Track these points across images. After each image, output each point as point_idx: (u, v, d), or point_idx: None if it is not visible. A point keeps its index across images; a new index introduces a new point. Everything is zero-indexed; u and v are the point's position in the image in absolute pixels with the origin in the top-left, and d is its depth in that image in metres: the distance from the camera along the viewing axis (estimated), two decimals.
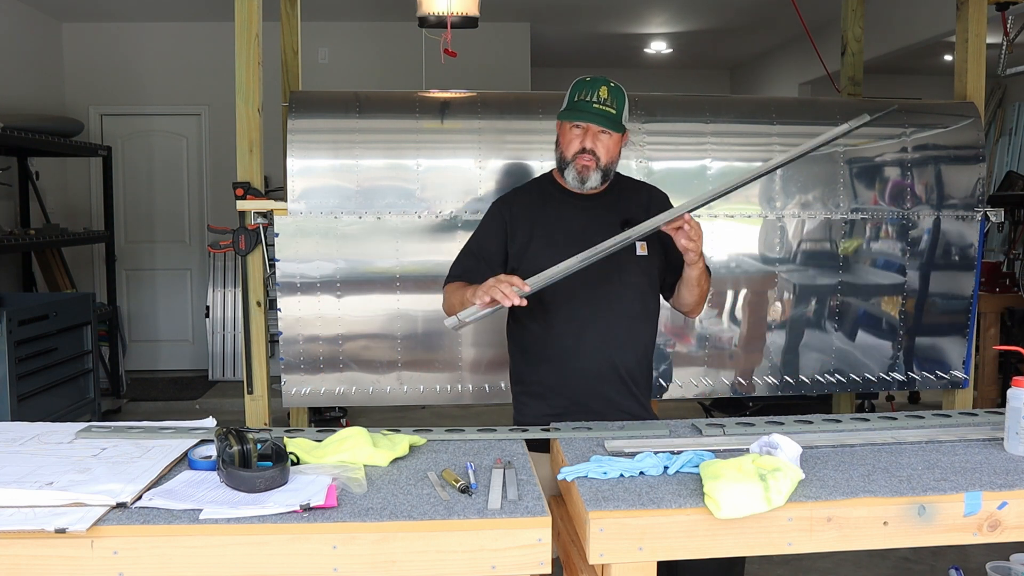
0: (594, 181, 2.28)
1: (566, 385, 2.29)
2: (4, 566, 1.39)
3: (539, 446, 1.99)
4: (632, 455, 1.76)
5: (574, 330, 2.28)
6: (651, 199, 2.42)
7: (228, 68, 3.32)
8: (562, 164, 2.31)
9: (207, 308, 6.85)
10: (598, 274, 2.26)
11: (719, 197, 2.23)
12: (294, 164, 3.33)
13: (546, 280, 2.09)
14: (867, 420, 2.04)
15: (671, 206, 2.40)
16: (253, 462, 1.62)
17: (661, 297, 2.44)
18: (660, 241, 2.34)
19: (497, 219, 2.38)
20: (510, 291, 2.01)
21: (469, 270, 2.33)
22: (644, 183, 2.52)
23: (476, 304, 2.05)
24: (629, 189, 2.43)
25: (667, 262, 2.37)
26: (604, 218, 2.31)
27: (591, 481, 1.63)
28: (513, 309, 2.25)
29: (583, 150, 2.25)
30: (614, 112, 2.25)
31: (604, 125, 2.23)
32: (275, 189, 4.82)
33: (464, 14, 4.01)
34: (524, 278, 2.19)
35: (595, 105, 2.23)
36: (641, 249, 2.31)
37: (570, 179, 2.29)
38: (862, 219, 3.59)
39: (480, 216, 3.35)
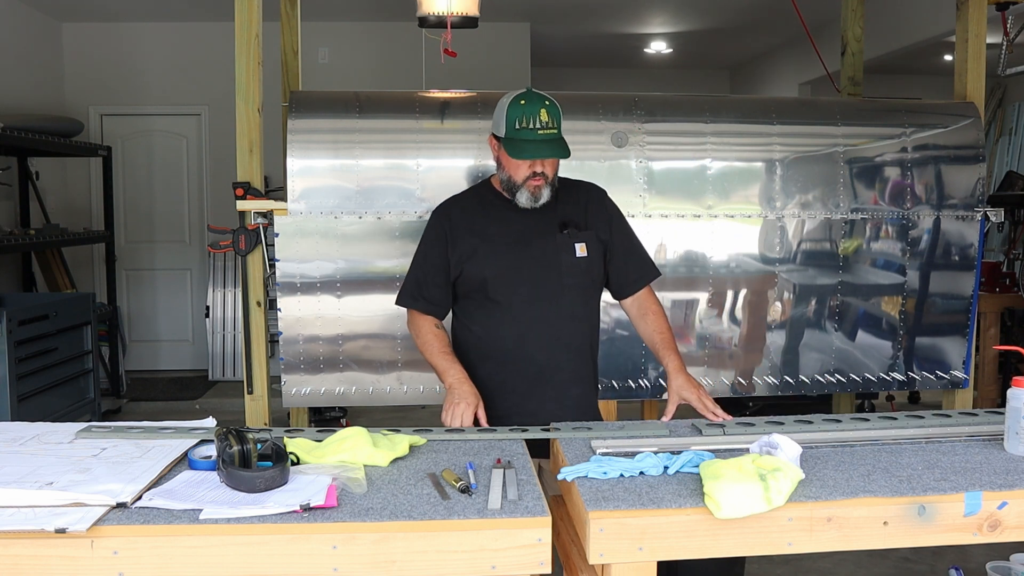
0: (546, 197, 2.29)
1: (507, 387, 2.30)
2: (4, 566, 1.39)
3: (532, 450, 1.95)
4: (632, 455, 1.76)
5: (516, 332, 2.30)
6: (589, 198, 2.43)
7: (228, 68, 3.32)
8: (511, 186, 2.29)
9: (207, 308, 6.85)
10: (539, 276, 2.29)
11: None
12: (294, 164, 3.33)
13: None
14: (867, 420, 2.04)
15: (610, 201, 2.46)
16: (253, 462, 1.62)
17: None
18: (599, 240, 2.36)
19: (437, 229, 2.38)
20: (464, 419, 2.14)
21: (419, 282, 2.38)
22: (581, 181, 2.50)
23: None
24: (566, 189, 2.41)
25: (606, 261, 2.39)
26: (543, 222, 2.33)
27: (591, 481, 1.63)
28: (456, 311, 2.40)
29: (533, 174, 2.25)
30: (556, 132, 2.23)
31: (556, 155, 2.22)
32: (275, 189, 4.82)
33: (464, 14, 4.01)
34: (466, 284, 2.32)
35: (539, 132, 2.20)
36: (581, 251, 2.32)
37: (523, 200, 2.28)
38: (862, 219, 3.58)
39: None
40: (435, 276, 2.36)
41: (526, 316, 2.30)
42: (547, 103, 2.24)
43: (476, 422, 2.17)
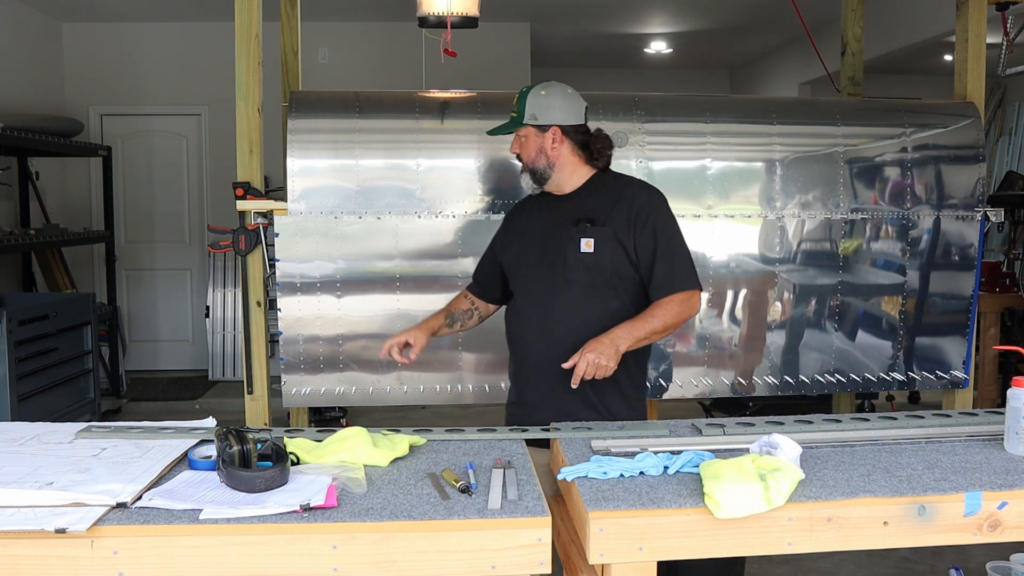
0: (526, 182, 2.40)
1: (519, 375, 2.42)
2: (4, 566, 1.39)
3: (541, 440, 2.04)
4: (632, 455, 1.76)
5: (518, 322, 2.40)
6: (622, 197, 2.31)
7: (228, 68, 3.32)
8: None
9: (207, 308, 6.85)
10: (543, 270, 2.34)
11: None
12: (294, 164, 3.33)
13: None
14: (867, 420, 2.04)
15: (651, 206, 2.29)
16: (253, 462, 1.62)
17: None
18: (616, 239, 2.26)
19: (504, 221, 2.58)
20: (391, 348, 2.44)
21: (479, 266, 2.61)
22: (635, 181, 2.42)
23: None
24: (610, 186, 2.35)
25: (634, 264, 2.28)
26: (562, 218, 2.34)
27: (591, 481, 1.63)
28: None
29: (518, 157, 2.41)
30: (514, 114, 2.37)
31: (498, 132, 2.42)
32: (275, 189, 4.82)
33: (464, 14, 4.01)
34: (507, 274, 2.47)
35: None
36: (586, 246, 2.27)
37: (526, 185, 2.43)
38: (862, 219, 3.59)
39: (480, 217, 3.39)
40: (488, 262, 2.56)
41: (526, 308, 2.38)
42: (527, 90, 2.38)
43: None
